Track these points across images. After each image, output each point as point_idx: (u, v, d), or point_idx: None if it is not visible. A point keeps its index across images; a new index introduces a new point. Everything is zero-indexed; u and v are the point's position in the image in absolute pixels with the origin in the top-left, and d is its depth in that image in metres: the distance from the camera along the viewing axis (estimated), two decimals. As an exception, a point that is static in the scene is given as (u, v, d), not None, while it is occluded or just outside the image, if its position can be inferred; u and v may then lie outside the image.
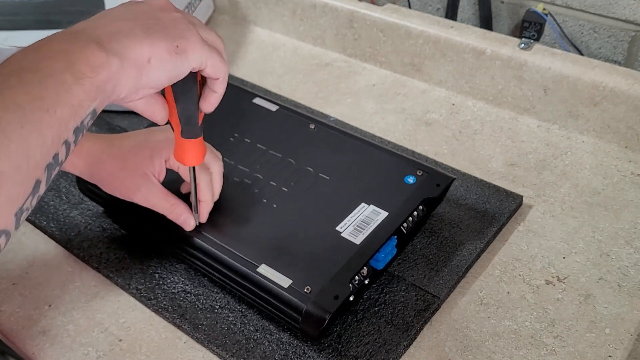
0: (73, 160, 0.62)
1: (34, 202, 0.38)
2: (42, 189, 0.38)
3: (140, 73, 0.42)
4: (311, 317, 0.52)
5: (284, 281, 0.55)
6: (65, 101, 0.37)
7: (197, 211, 0.60)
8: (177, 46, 0.43)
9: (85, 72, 0.38)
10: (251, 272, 0.56)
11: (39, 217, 0.70)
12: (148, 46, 0.42)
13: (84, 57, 0.39)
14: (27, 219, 0.71)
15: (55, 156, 0.38)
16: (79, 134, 0.39)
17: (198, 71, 0.47)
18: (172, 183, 0.62)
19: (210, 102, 0.50)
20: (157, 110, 0.49)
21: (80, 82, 0.38)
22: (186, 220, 0.60)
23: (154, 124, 0.65)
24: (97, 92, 0.39)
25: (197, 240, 0.60)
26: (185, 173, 0.61)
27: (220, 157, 0.63)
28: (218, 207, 0.63)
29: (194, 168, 0.57)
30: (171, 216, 0.60)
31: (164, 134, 0.62)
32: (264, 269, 0.56)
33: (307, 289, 0.54)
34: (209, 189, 0.60)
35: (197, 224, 0.61)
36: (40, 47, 0.39)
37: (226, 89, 0.77)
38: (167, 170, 0.62)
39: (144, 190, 0.60)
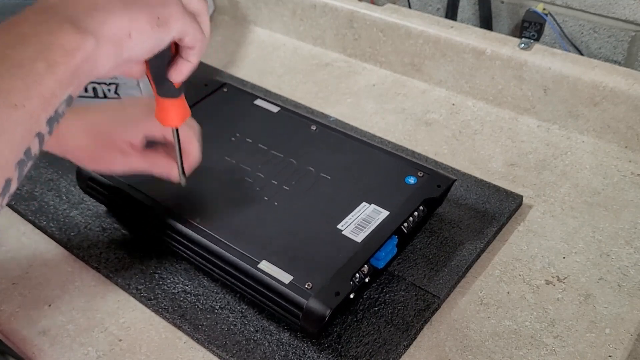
0: None
1: (5, 202, 0.36)
2: (14, 187, 0.36)
3: (120, 49, 0.39)
4: (312, 313, 0.53)
5: (285, 277, 0.55)
6: (35, 93, 0.35)
7: (183, 173, 0.59)
8: (158, 17, 0.41)
9: (59, 58, 0.36)
10: (252, 268, 0.56)
11: (39, 217, 0.70)
12: (127, 20, 0.39)
13: (57, 41, 0.36)
14: (27, 219, 0.71)
15: (27, 151, 0.36)
16: (54, 124, 0.37)
17: None
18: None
19: (181, 71, 0.47)
20: (133, 66, 0.46)
21: (52, 70, 0.36)
22: (171, 171, 0.58)
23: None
24: (73, 77, 0.37)
25: (198, 237, 0.60)
26: (166, 137, 0.59)
27: (196, 126, 0.61)
28: (219, 204, 0.63)
29: (177, 130, 0.55)
30: (155, 172, 0.59)
31: (138, 104, 0.60)
32: (265, 265, 0.56)
33: (308, 285, 0.54)
34: (194, 149, 0.59)
35: (183, 185, 0.60)
36: (9, 30, 0.36)
37: (227, 90, 0.78)
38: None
39: (123, 160, 0.59)
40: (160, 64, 0.47)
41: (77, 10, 0.38)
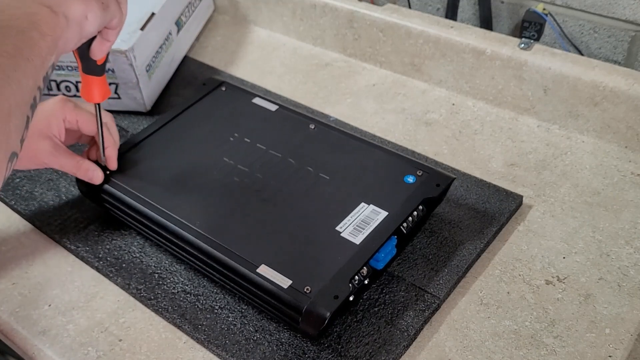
0: None
1: (25, 135, 0.45)
2: (29, 126, 0.45)
3: (81, 29, 0.49)
4: (311, 317, 0.52)
5: (284, 282, 0.55)
6: (36, 53, 0.44)
7: (104, 155, 0.65)
8: (103, 2, 0.51)
9: (46, 30, 0.45)
10: (251, 273, 0.56)
11: (39, 217, 0.70)
12: (84, 5, 0.49)
13: (43, 19, 0.45)
14: (27, 219, 0.71)
15: (34, 99, 0.45)
16: (45, 83, 0.46)
17: None
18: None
19: (101, 49, 0.56)
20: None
21: (44, 39, 0.45)
22: (94, 174, 0.65)
23: None
24: (55, 47, 0.46)
25: (197, 241, 0.60)
26: (85, 126, 0.65)
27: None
28: (218, 207, 0.63)
29: (99, 107, 0.62)
30: (79, 173, 0.65)
31: (54, 97, 0.66)
32: (264, 270, 0.56)
33: (307, 289, 0.54)
34: (111, 133, 0.67)
35: (108, 172, 0.66)
36: (3, 10, 0.45)
37: (226, 88, 0.78)
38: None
39: (51, 151, 0.64)
40: (85, 45, 0.56)
41: None
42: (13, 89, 0.42)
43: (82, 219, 0.70)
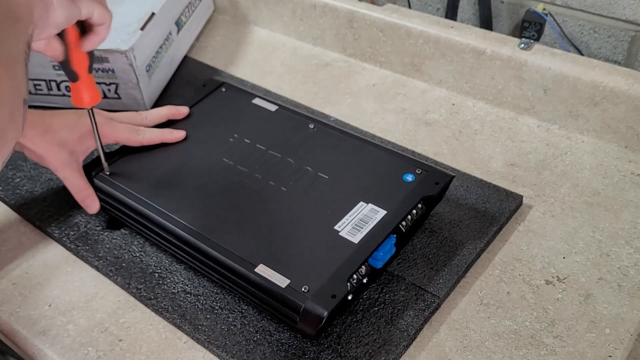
0: None
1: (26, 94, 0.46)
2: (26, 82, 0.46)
3: (48, 12, 0.50)
4: (309, 316, 0.52)
5: (282, 281, 0.55)
6: (21, 16, 0.45)
7: (104, 159, 0.66)
8: None
9: (21, 3, 0.46)
10: (249, 272, 0.56)
11: (39, 217, 0.70)
12: None
13: (15, 1, 0.46)
14: (27, 219, 0.71)
15: (25, 60, 0.45)
16: (30, 50, 0.47)
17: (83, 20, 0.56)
18: None
19: (93, 42, 0.57)
20: (56, 49, 0.56)
21: (20, 7, 0.46)
22: (92, 204, 0.67)
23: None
24: (31, 17, 0.47)
25: (195, 240, 0.60)
26: (122, 140, 0.69)
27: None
28: (216, 207, 0.63)
29: (91, 111, 0.63)
30: (79, 196, 0.67)
31: (101, 114, 0.69)
32: (262, 269, 0.56)
33: (305, 289, 0.54)
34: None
35: (108, 174, 0.67)
36: None
37: (226, 89, 0.78)
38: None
39: (67, 165, 0.66)
40: (65, 60, 0.58)
41: None
42: (10, 42, 0.44)
43: (82, 219, 0.70)
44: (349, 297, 0.55)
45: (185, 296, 0.61)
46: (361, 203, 0.62)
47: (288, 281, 0.55)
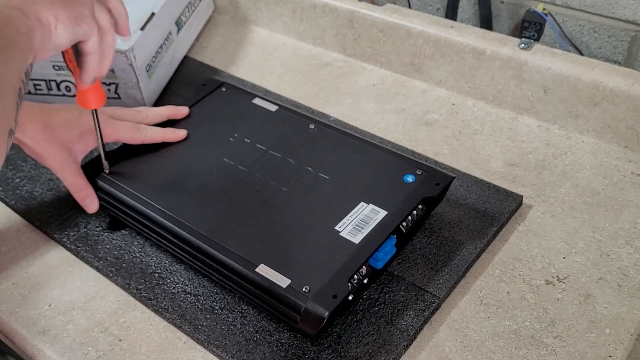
0: None
1: (17, 120, 0.46)
2: (19, 114, 0.46)
3: (50, 37, 0.50)
4: (309, 317, 0.52)
5: (283, 281, 0.55)
6: (17, 45, 0.46)
7: (105, 154, 0.66)
8: (76, 16, 0.51)
9: (22, 29, 0.47)
10: (250, 272, 0.56)
11: (39, 217, 0.70)
12: (53, 16, 0.50)
13: (19, 19, 0.47)
14: (27, 219, 0.71)
15: (20, 89, 0.46)
16: (27, 79, 0.48)
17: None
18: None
19: (88, 72, 0.57)
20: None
21: (20, 36, 0.46)
22: (91, 204, 0.67)
23: None
24: (31, 46, 0.48)
25: (196, 240, 0.60)
26: (124, 138, 0.69)
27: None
28: (217, 207, 0.63)
29: (95, 113, 0.63)
30: (78, 195, 0.66)
31: (106, 110, 0.68)
32: (263, 269, 0.56)
33: (306, 289, 0.54)
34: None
35: (107, 172, 0.67)
36: None
37: (226, 89, 0.78)
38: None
39: (66, 165, 0.66)
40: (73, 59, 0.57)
41: (20, 3, 0.48)
42: (2, 70, 0.44)
43: (82, 219, 0.70)
44: (350, 298, 0.55)
45: (185, 296, 0.62)
46: (362, 203, 0.62)
47: (289, 281, 0.55)
